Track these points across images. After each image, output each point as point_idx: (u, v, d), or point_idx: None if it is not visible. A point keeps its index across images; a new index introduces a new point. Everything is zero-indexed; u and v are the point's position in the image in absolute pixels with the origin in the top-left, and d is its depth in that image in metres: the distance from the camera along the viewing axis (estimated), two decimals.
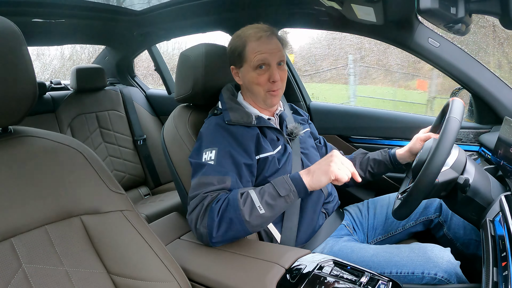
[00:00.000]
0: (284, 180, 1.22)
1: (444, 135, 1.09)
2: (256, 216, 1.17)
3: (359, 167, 1.69)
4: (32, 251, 0.86)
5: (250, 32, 1.40)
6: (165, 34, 2.89)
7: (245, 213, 1.16)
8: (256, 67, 1.37)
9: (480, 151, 1.75)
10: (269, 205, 1.19)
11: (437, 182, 1.13)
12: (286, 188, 1.20)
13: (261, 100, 1.44)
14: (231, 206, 1.18)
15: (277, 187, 1.21)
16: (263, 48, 1.36)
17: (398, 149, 1.62)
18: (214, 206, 1.20)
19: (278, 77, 1.37)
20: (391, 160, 1.62)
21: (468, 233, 1.46)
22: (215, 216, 1.18)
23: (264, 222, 1.21)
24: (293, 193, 1.20)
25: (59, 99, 2.83)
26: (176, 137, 1.53)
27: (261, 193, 1.21)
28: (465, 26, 1.21)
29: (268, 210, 1.19)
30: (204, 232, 1.20)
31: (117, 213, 1.00)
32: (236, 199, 1.19)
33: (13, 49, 0.82)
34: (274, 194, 1.20)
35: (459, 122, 1.13)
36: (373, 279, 1.05)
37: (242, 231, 1.19)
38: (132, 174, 2.99)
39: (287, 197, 1.20)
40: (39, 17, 2.25)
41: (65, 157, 0.97)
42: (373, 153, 1.69)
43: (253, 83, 1.40)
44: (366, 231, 1.64)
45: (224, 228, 1.18)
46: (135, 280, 0.95)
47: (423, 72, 5.37)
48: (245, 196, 1.20)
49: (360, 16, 1.62)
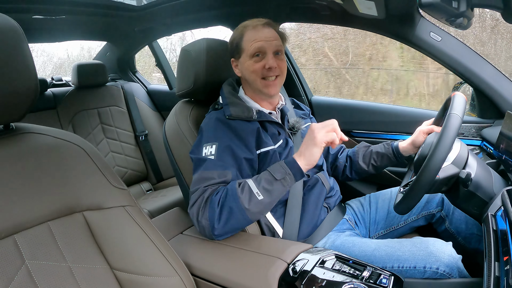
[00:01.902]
0: (279, 165, 1.25)
1: (445, 131, 1.09)
2: (255, 203, 1.19)
3: (362, 161, 1.69)
4: (35, 248, 0.86)
5: (247, 23, 1.44)
6: (166, 30, 2.88)
7: (244, 201, 1.18)
8: (252, 55, 1.40)
9: (482, 145, 1.74)
10: (267, 190, 1.21)
11: (438, 177, 1.13)
12: (281, 172, 1.23)
13: (258, 90, 1.44)
14: (230, 195, 1.20)
15: (273, 172, 1.24)
16: (258, 36, 1.39)
17: (401, 141, 1.62)
18: (214, 198, 1.21)
19: (274, 64, 1.39)
20: (394, 153, 1.61)
21: (470, 228, 1.46)
22: (216, 207, 1.19)
23: (264, 208, 1.23)
24: (289, 175, 1.23)
25: (61, 96, 2.84)
26: (178, 132, 1.53)
27: (258, 180, 1.24)
28: (467, 20, 1.20)
29: (266, 195, 1.20)
30: (206, 224, 1.21)
31: (120, 208, 1.00)
32: (234, 188, 1.21)
33: (13, 46, 0.82)
34: (270, 178, 1.23)
35: (460, 118, 1.12)
36: (375, 273, 1.05)
37: (243, 219, 1.21)
38: (134, 170, 3.00)
39: (283, 181, 1.22)
40: (39, 14, 2.24)
41: (67, 154, 0.98)
42: (376, 146, 1.69)
43: (250, 71, 1.41)
44: (368, 225, 1.64)
45: (225, 218, 1.19)
46: (138, 275, 0.96)
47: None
48: (242, 185, 1.23)
49: (362, 10, 1.61)
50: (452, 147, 1.10)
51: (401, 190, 1.34)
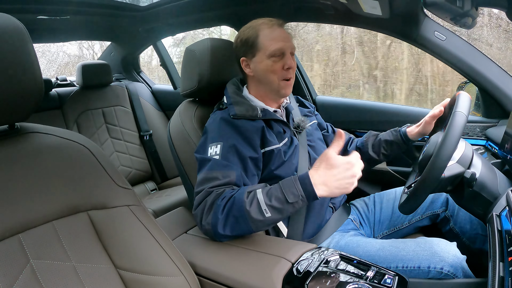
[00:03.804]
0: (293, 185, 1.16)
1: (450, 129, 1.09)
2: (262, 219, 1.15)
3: (372, 150, 1.67)
4: (40, 247, 0.87)
5: (262, 21, 1.43)
6: (170, 30, 2.88)
7: (251, 214, 1.14)
8: (272, 55, 1.38)
9: (486, 145, 1.74)
10: (276, 209, 1.15)
11: (443, 177, 1.13)
12: (295, 194, 1.15)
13: (275, 90, 1.44)
14: (236, 205, 1.16)
15: (286, 192, 1.15)
16: (278, 36, 1.39)
17: (409, 126, 1.60)
18: (220, 203, 1.18)
19: (293, 64, 1.40)
20: (403, 140, 1.60)
21: (475, 228, 1.45)
22: (220, 214, 1.17)
23: (271, 224, 1.20)
24: (302, 200, 1.15)
25: (65, 96, 2.84)
26: (182, 132, 1.53)
27: (269, 196, 1.16)
28: (472, 19, 1.20)
29: (275, 213, 1.15)
30: (209, 229, 1.20)
31: (124, 208, 1.01)
32: (242, 199, 1.16)
33: (18, 46, 0.82)
34: (282, 199, 1.15)
35: (466, 116, 1.12)
36: (379, 273, 1.05)
37: (247, 230, 1.18)
38: (139, 169, 3.00)
39: (296, 203, 1.15)
40: (44, 14, 2.25)
41: (71, 153, 0.98)
42: (384, 134, 1.67)
43: (268, 71, 1.40)
44: (372, 225, 1.64)
45: (229, 226, 1.17)
46: (142, 275, 0.96)
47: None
48: (251, 197, 1.16)
49: (366, 10, 1.61)
50: (457, 145, 1.09)
51: (405, 191, 1.33)
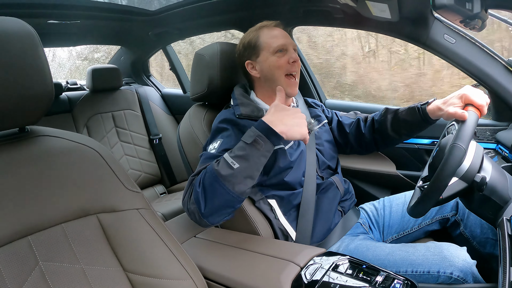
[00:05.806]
0: (249, 130, 1.20)
1: (462, 128, 1.09)
2: (232, 173, 1.14)
3: (391, 130, 1.57)
4: (49, 249, 0.87)
5: (259, 24, 1.50)
6: (179, 34, 2.89)
7: (221, 172, 1.14)
8: (275, 51, 1.43)
9: (497, 148, 1.72)
10: (240, 156, 1.15)
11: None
12: (251, 135, 1.17)
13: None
14: (208, 172, 1.17)
15: (243, 138, 1.19)
16: (278, 34, 1.46)
17: (430, 105, 1.44)
18: (196, 179, 1.20)
19: (297, 57, 1.43)
20: (423, 119, 1.47)
21: (485, 232, 1.44)
22: (198, 188, 1.17)
23: (244, 178, 1.17)
24: (260, 137, 1.16)
25: (75, 99, 2.87)
26: (192, 136, 1.54)
27: (232, 151, 1.19)
28: (481, 21, 1.19)
29: (241, 162, 1.15)
30: (193, 208, 1.18)
31: (134, 211, 1.01)
32: (211, 165, 1.18)
33: (29, 51, 0.83)
34: (242, 144, 1.18)
35: (477, 115, 1.12)
36: (389, 278, 1.05)
37: (226, 193, 1.15)
38: (148, 173, 3.01)
39: (255, 143, 1.16)
40: (54, 19, 2.28)
41: (81, 156, 0.99)
42: (404, 114, 1.53)
43: (274, 67, 1.43)
44: (381, 229, 1.63)
45: (209, 196, 1.16)
46: (151, 278, 0.96)
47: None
48: (218, 160, 1.20)
49: (375, 13, 1.61)
50: (469, 145, 1.09)
51: (419, 184, 1.30)
